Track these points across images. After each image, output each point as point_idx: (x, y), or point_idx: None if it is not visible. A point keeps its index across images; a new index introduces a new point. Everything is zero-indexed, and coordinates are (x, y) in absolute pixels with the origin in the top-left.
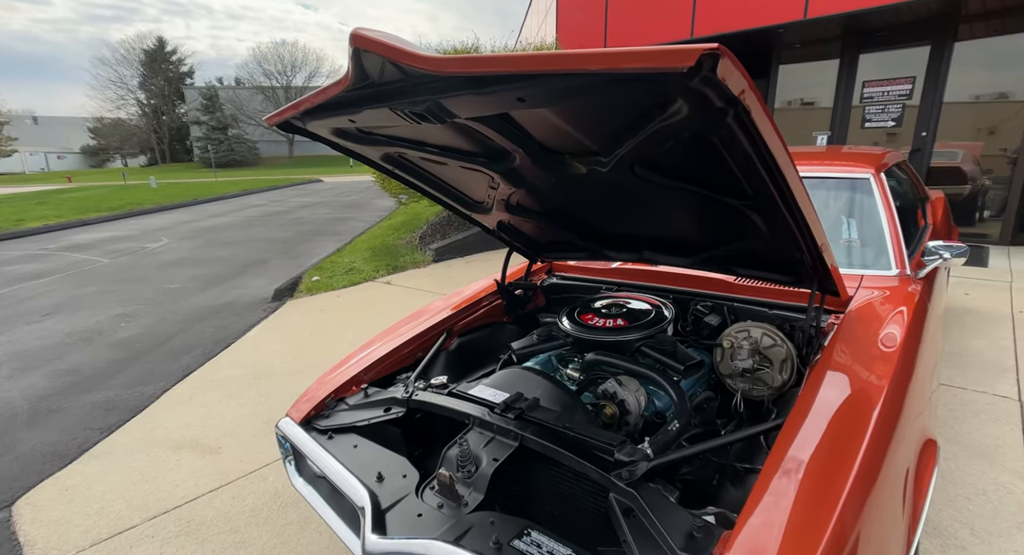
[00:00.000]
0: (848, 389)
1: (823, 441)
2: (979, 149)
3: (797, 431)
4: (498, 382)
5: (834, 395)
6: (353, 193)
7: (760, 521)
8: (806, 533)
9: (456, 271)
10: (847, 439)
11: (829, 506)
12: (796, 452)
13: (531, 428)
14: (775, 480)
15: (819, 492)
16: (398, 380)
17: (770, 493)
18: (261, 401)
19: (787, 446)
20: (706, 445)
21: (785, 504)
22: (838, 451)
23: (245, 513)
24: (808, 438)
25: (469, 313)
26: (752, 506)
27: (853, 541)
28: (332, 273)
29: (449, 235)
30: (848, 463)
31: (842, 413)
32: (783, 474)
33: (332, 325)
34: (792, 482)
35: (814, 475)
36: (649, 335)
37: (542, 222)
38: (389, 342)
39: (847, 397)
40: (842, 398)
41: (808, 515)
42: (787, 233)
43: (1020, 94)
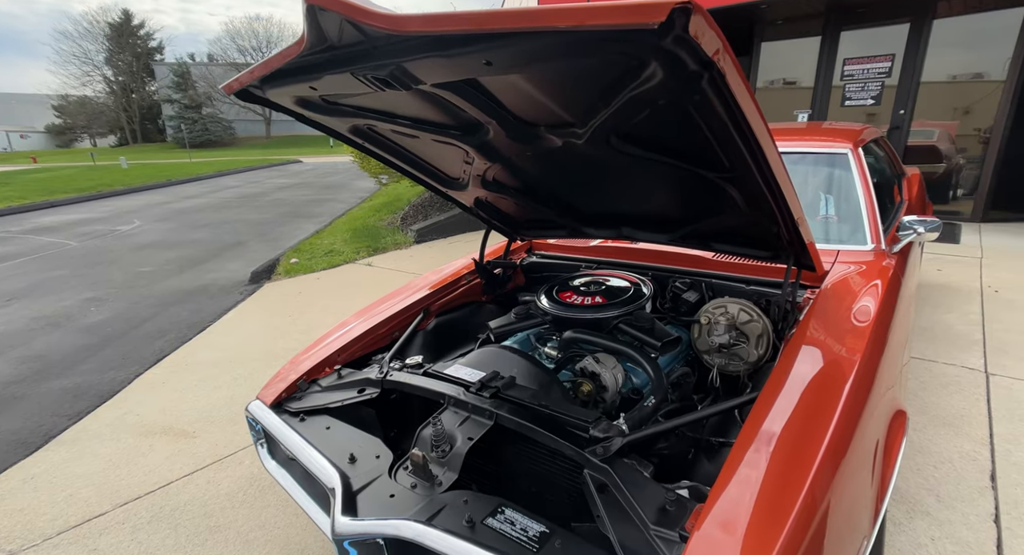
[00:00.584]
0: (821, 363)
1: (795, 414)
2: (954, 128)
3: (770, 405)
4: (474, 361)
5: (807, 369)
6: (333, 174)
7: (732, 494)
8: (776, 505)
9: (438, 252)
10: (819, 412)
11: (799, 478)
12: (769, 425)
13: (506, 406)
14: (747, 453)
15: (790, 464)
16: (373, 361)
17: (742, 466)
18: (238, 384)
19: (760, 419)
20: (680, 420)
21: (756, 477)
22: (810, 424)
23: (220, 497)
24: (781, 411)
25: (447, 292)
26: (724, 479)
27: (823, 512)
28: (311, 255)
29: (431, 216)
30: (819, 435)
31: (815, 386)
32: (755, 447)
33: (311, 308)
34: (764, 455)
35: (786, 448)
36: (627, 312)
37: (520, 199)
38: (364, 322)
39: (820, 371)
40: (815, 372)
41: (779, 487)
42: (764, 207)
43: (994, 74)
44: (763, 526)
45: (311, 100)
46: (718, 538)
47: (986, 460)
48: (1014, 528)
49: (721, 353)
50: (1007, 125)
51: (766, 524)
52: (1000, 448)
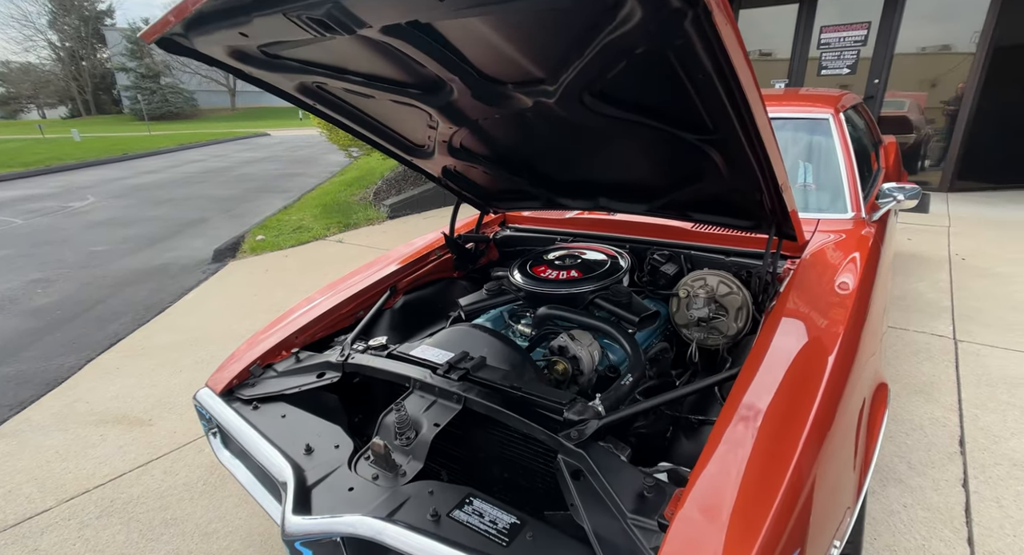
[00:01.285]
0: (803, 335)
1: (779, 390)
2: (924, 100)
3: (751, 381)
4: (442, 341)
5: (789, 342)
6: (303, 147)
7: (713, 477)
8: (761, 487)
9: (412, 228)
10: (803, 387)
11: (785, 457)
12: (751, 402)
13: (476, 389)
14: (728, 432)
15: (774, 442)
16: (335, 342)
17: (724, 446)
18: (199, 368)
19: (741, 396)
20: (658, 399)
21: (739, 457)
22: (794, 399)
23: (178, 488)
24: (763, 387)
25: (416, 269)
26: (705, 461)
27: (808, 491)
28: (279, 232)
29: (404, 190)
30: (804, 411)
31: (797, 360)
32: (737, 425)
33: (278, 286)
34: (747, 433)
35: (769, 425)
36: (603, 287)
37: (490, 168)
38: (326, 301)
39: (802, 344)
40: (797, 345)
41: (763, 467)
42: (747, 172)
43: (961, 46)
44: (747, 510)
45: (248, 52)
46: (699, 525)
47: (955, 426)
48: (981, 492)
49: (700, 327)
50: (975, 97)
51: (751, 508)
52: (968, 413)
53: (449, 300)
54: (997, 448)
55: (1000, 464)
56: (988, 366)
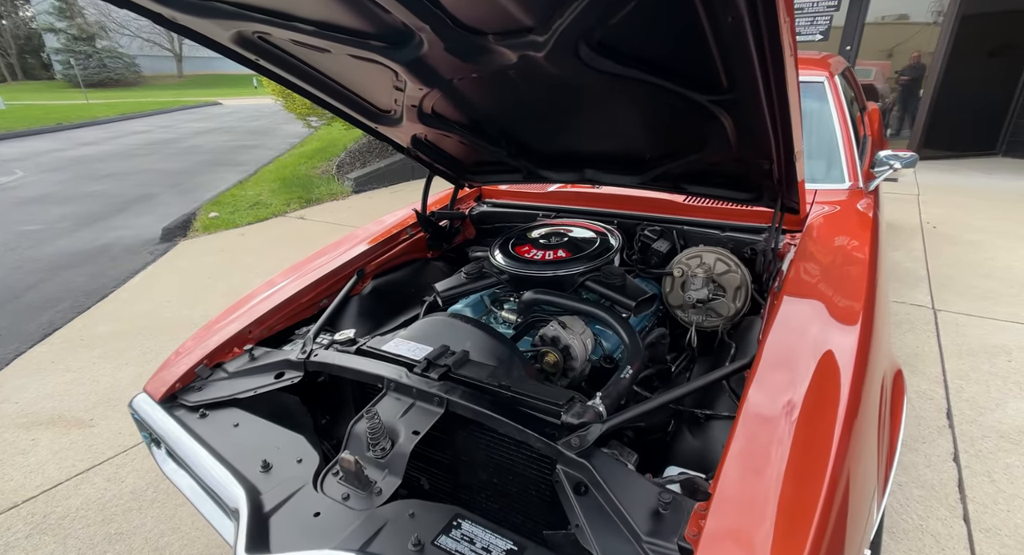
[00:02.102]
0: (820, 316)
1: (801, 380)
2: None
3: (769, 370)
4: (418, 333)
5: (805, 324)
6: (259, 117)
7: (738, 487)
8: (797, 499)
9: (379, 203)
10: (827, 375)
11: (819, 462)
12: (771, 395)
13: (459, 390)
14: (750, 431)
15: (805, 444)
16: (295, 335)
17: (745, 448)
18: (147, 360)
19: (759, 388)
20: (666, 396)
21: (766, 462)
22: (821, 390)
23: (124, 497)
24: (783, 377)
25: (385, 249)
26: (727, 467)
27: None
28: (234, 208)
29: (370, 163)
30: (832, 404)
31: (817, 344)
32: (758, 423)
33: (235, 267)
34: (771, 433)
35: (799, 422)
36: (594, 267)
37: (466, 136)
38: (285, 289)
39: (821, 326)
40: (816, 327)
41: (796, 475)
42: (760, 139)
43: (918, 16)
44: (785, 527)
45: None
46: (728, 549)
47: (941, 398)
48: (972, 466)
49: (697, 309)
50: (943, 66)
51: (788, 524)
52: (953, 385)
53: (423, 283)
54: (983, 420)
55: (988, 436)
56: (967, 335)
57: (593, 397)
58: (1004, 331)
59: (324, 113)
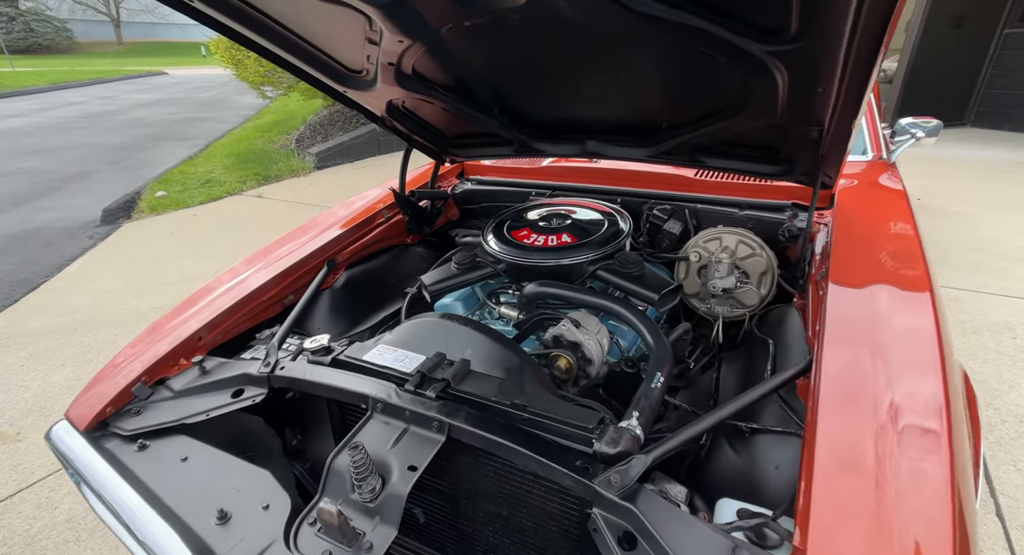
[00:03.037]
0: (882, 306)
1: (881, 390)
2: None
3: (838, 377)
4: (406, 338)
5: (867, 316)
6: (210, 88)
7: (836, 539)
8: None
9: (344, 179)
10: (911, 382)
11: (936, 502)
12: (850, 411)
13: (463, 412)
14: (834, 460)
15: (915, 479)
16: (257, 340)
17: (835, 486)
18: (87, 360)
19: (834, 402)
20: (717, 414)
21: (865, 507)
22: (910, 402)
23: (58, 527)
24: (858, 387)
25: (359, 235)
26: (818, 515)
27: (964, 532)
28: (183, 186)
29: (332, 136)
30: (929, 421)
31: (890, 342)
32: (843, 449)
33: (187, 252)
34: (862, 464)
35: (893, 445)
36: (606, 254)
37: (451, 103)
38: (244, 283)
39: (885, 317)
40: (881, 320)
41: (913, 510)
42: (820, 100)
43: None
44: None
45: None
46: None
47: None
48: (997, 455)
49: (719, 298)
50: (918, 36)
51: None
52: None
53: (403, 273)
54: (999, 404)
55: (1007, 421)
56: (969, 312)
57: (627, 416)
58: (1004, 307)
59: (280, 82)
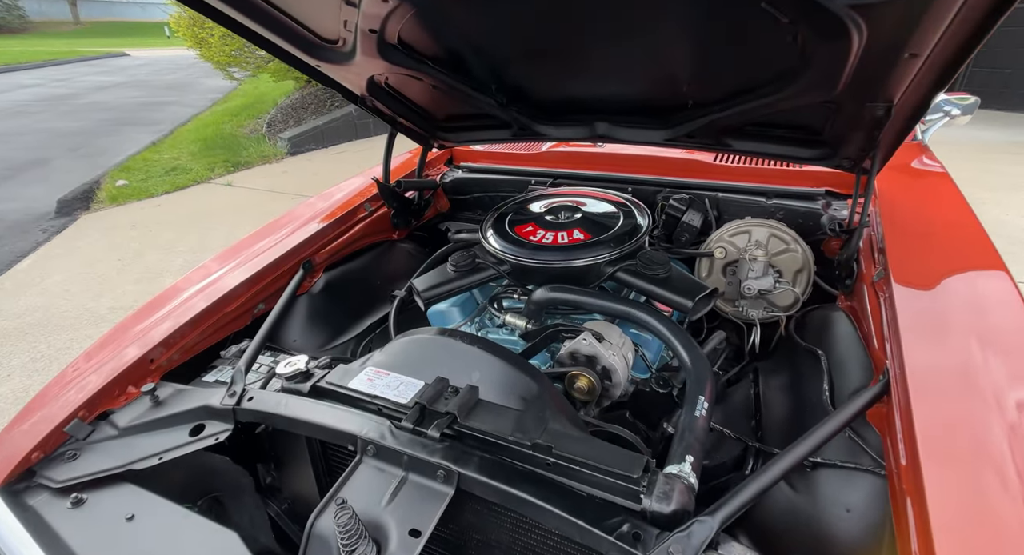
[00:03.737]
0: (966, 312)
1: (994, 423)
2: None
3: (934, 404)
4: (399, 360)
5: (952, 325)
6: (175, 70)
7: None
8: None
9: (320, 165)
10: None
11: None
12: (957, 444)
13: (475, 457)
14: (957, 512)
15: None
16: (221, 359)
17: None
18: (37, 369)
19: (935, 434)
20: (795, 454)
21: None
22: None
23: None
24: (965, 417)
25: (339, 231)
26: None
27: None
28: (147, 174)
29: (306, 120)
30: None
31: (992, 354)
32: (965, 495)
33: (151, 247)
34: (993, 525)
35: None
36: (626, 253)
37: (442, 78)
38: (205, 292)
39: (976, 327)
40: (972, 327)
41: None
42: (904, 68)
43: None
44: None
45: None
46: None
47: None
48: None
49: (751, 300)
50: None
51: None
52: None
53: (390, 273)
54: None
55: None
56: None
57: (674, 456)
58: None
59: (248, 62)
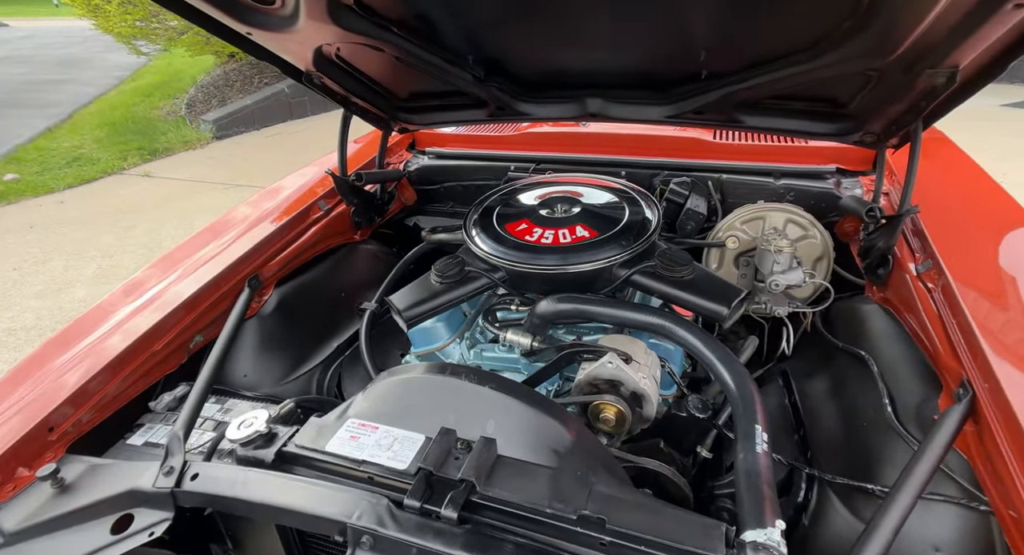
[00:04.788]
0: None
1: None
2: None
3: None
4: (389, 404)
5: None
6: (69, 44)
7: None
8: None
9: (252, 151)
10: None
11: None
12: None
13: (508, 546)
14: None
15: None
16: (151, 414)
17: None
18: None
19: None
20: (907, 495)
21: None
22: None
23: None
24: None
25: (290, 236)
26: None
27: None
28: (43, 166)
29: (231, 99)
30: None
31: None
32: None
33: (56, 251)
34: None
35: None
36: (643, 251)
37: (408, 49)
38: (125, 326)
39: None
40: None
41: None
42: (986, 27)
43: None
44: None
45: None
46: None
47: None
48: None
49: (775, 295)
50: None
51: None
52: None
53: (355, 282)
54: None
55: None
56: None
57: (754, 518)
58: None
59: (157, 34)
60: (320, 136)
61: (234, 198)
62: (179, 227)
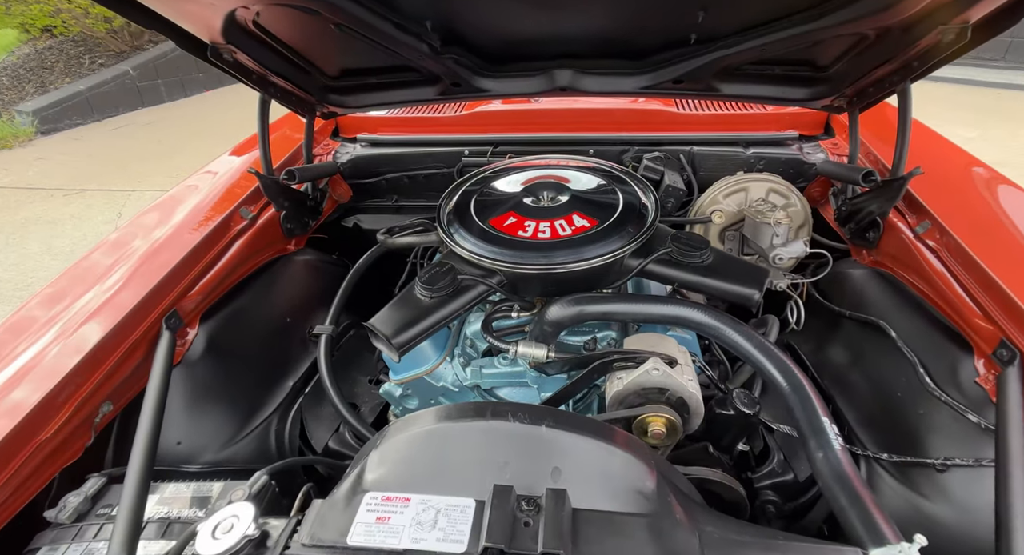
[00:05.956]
0: None
1: None
2: None
3: None
4: (415, 465)
5: None
6: None
7: None
8: None
9: (97, 147)
10: None
11: None
12: None
13: None
14: None
15: None
16: (53, 528)
17: None
18: None
19: None
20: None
21: None
22: None
23: None
24: None
25: (210, 257)
26: None
27: None
28: None
29: (53, 84)
30: None
31: None
32: None
33: None
34: None
35: None
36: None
37: (353, 13)
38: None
39: None
40: None
41: None
42: None
43: None
44: None
45: None
46: None
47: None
48: None
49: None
50: None
51: None
52: None
53: (296, 303)
54: None
55: None
56: None
57: (872, 531)
58: None
59: None
60: (185, 126)
61: (82, 206)
62: (8, 247)
